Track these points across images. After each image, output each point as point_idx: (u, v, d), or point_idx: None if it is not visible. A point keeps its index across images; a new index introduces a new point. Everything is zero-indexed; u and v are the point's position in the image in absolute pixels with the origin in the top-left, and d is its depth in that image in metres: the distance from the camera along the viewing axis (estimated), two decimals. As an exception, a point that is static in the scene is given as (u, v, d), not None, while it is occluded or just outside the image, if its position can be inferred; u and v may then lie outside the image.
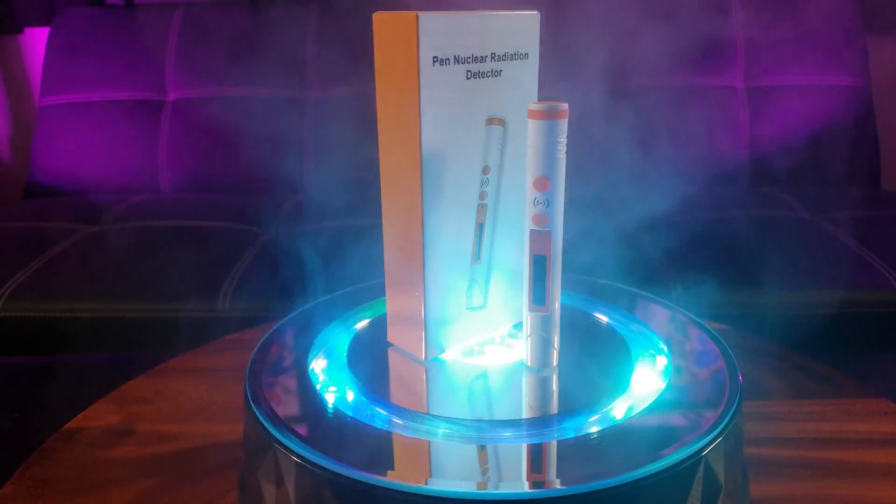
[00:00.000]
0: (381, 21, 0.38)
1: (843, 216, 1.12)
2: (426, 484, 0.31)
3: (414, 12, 0.36)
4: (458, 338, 0.43)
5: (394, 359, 0.43)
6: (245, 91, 1.38)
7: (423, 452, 0.34)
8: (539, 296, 0.40)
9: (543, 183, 0.37)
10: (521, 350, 0.43)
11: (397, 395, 0.39)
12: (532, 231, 0.39)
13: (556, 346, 0.41)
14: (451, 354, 0.43)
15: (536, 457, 0.34)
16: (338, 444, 0.34)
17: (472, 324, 0.44)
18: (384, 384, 0.40)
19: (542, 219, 0.38)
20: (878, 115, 1.38)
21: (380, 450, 0.34)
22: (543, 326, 0.40)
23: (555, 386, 0.40)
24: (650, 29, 1.30)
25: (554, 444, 0.34)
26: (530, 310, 0.40)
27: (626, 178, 1.29)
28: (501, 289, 0.45)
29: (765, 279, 0.92)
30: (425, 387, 0.40)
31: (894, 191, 1.37)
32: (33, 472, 0.46)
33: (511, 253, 0.44)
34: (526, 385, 0.41)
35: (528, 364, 0.41)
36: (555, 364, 0.41)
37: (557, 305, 0.41)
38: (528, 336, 0.41)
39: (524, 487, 0.31)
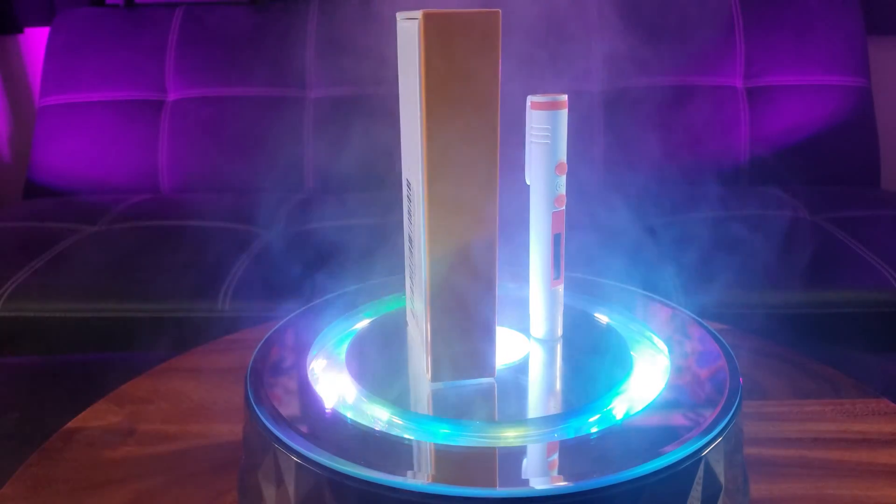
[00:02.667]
0: (439, 19, 0.34)
1: (843, 216, 1.12)
2: (426, 483, 0.31)
3: (496, 10, 0.34)
4: None
5: (393, 359, 0.43)
6: (245, 91, 1.39)
7: (422, 452, 0.34)
8: (558, 270, 0.44)
9: (563, 167, 0.41)
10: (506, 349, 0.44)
11: (396, 395, 0.39)
12: (554, 213, 0.42)
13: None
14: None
15: (537, 457, 0.34)
16: (338, 444, 0.34)
17: None
18: (384, 384, 0.40)
19: (563, 200, 0.42)
20: (878, 115, 1.38)
21: (380, 450, 0.34)
22: (558, 297, 0.44)
23: (555, 386, 0.40)
24: (650, 28, 1.30)
25: (554, 444, 0.34)
26: (552, 285, 0.44)
27: (626, 177, 1.29)
28: None
29: (765, 279, 0.92)
30: (425, 387, 0.40)
31: (894, 191, 1.37)
32: (33, 472, 0.46)
33: None
34: (525, 385, 0.41)
35: (542, 336, 0.45)
36: (560, 334, 0.45)
37: None
38: (546, 310, 0.44)
39: (524, 486, 0.31)
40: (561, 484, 0.31)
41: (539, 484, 0.31)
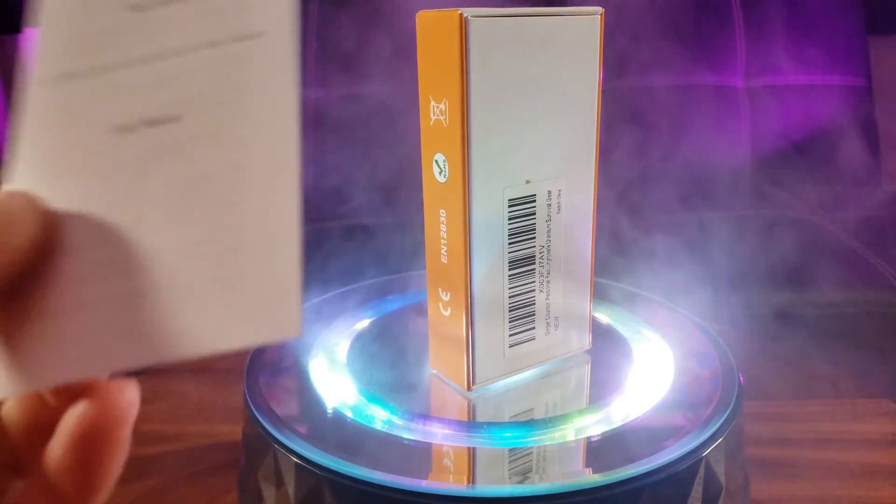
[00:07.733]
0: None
1: (843, 216, 1.12)
2: (426, 483, 0.31)
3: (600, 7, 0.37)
4: None
5: (394, 359, 0.43)
6: (245, 91, 1.38)
7: (423, 452, 0.34)
8: None
9: None
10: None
11: (397, 395, 0.39)
12: None
13: None
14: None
15: (538, 456, 0.34)
16: (337, 444, 0.34)
17: None
18: (384, 384, 0.40)
19: None
20: (879, 115, 1.38)
21: (380, 450, 0.34)
22: None
23: (556, 386, 0.40)
24: (650, 28, 1.30)
25: (555, 444, 0.34)
26: None
27: (626, 177, 1.29)
28: None
29: (764, 279, 0.92)
30: (425, 388, 0.40)
31: (894, 191, 1.37)
32: (33, 472, 0.46)
33: None
34: (526, 386, 0.41)
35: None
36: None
37: None
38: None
39: (525, 485, 0.31)
40: (561, 483, 0.31)
41: (539, 483, 0.31)
